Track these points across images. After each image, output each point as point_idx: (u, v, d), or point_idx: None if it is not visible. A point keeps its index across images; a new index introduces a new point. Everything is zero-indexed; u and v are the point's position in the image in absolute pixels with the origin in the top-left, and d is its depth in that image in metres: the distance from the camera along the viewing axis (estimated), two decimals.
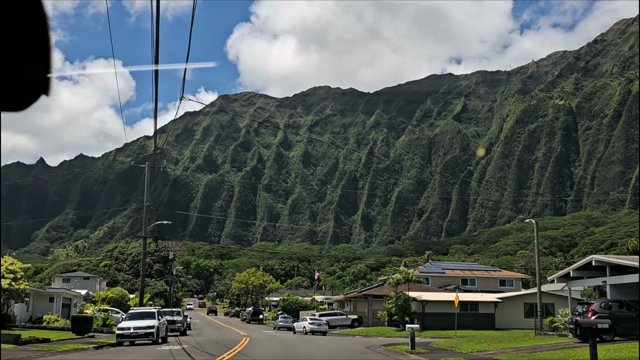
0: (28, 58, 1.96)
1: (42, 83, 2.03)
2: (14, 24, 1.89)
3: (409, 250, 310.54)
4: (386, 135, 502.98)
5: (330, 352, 35.05)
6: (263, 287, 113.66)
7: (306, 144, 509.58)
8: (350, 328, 74.55)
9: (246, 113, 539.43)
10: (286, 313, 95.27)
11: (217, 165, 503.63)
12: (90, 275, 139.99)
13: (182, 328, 58.23)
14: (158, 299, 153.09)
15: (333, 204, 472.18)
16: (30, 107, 2.05)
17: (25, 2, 1.86)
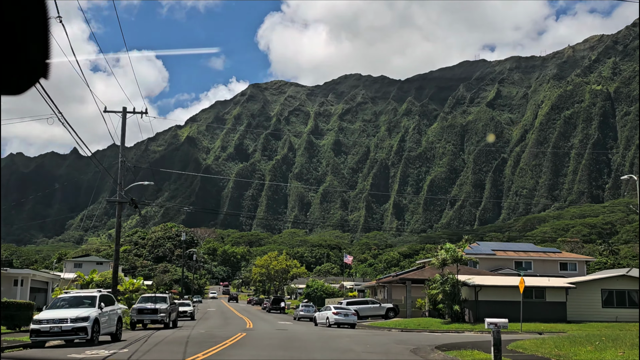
0: (26, 41, 1.93)
1: (41, 66, 1.99)
2: (13, 7, 1.86)
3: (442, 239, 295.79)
4: (418, 123, 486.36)
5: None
6: (286, 272, 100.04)
7: (337, 132, 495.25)
8: (384, 319, 60.66)
9: (277, 102, 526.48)
10: (311, 301, 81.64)
11: (248, 154, 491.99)
12: (104, 260, 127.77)
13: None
14: (178, 285, 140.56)
15: (364, 192, 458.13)
16: (29, 90, 2.03)
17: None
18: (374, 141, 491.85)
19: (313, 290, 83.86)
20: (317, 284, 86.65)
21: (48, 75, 2.01)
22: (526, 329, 46.57)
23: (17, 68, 1.96)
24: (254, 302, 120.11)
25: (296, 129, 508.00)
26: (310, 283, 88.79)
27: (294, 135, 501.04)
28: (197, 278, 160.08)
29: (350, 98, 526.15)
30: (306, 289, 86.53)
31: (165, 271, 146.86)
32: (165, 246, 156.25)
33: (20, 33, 1.91)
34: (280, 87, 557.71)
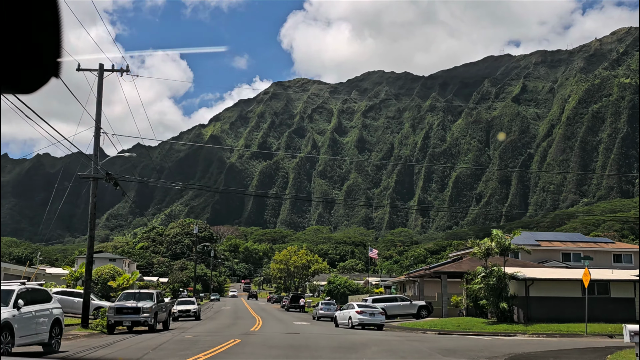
0: (39, 40, 1.89)
1: (53, 65, 1.97)
2: (25, 7, 1.82)
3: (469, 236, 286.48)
4: (442, 119, 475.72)
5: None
6: (307, 268, 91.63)
7: (361, 129, 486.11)
8: (414, 318, 52.13)
9: (300, 99, 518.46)
10: (333, 299, 73.26)
11: (271, 152, 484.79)
12: (117, 256, 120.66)
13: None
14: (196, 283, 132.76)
15: (389, 189, 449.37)
16: (41, 89, 2.02)
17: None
18: (397, 138, 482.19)
19: (335, 287, 75.43)
20: (339, 279, 78.18)
21: (59, 74, 2.02)
22: (591, 331, 37.81)
23: (29, 67, 1.94)
24: (273, 300, 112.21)
25: (319, 127, 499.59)
26: (332, 279, 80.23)
27: (317, 132, 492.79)
28: (217, 275, 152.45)
29: (373, 95, 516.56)
30: (327, 285, 77.92)
31: (183, 268, 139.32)
32: (183, 242, 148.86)
33: (33, 33, 1.88)
34: (303, 85, 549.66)
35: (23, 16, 1.81)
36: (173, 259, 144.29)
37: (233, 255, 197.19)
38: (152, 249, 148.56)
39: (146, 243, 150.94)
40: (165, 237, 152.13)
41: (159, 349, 21.66)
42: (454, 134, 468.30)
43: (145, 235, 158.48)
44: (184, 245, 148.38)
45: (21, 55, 1.87)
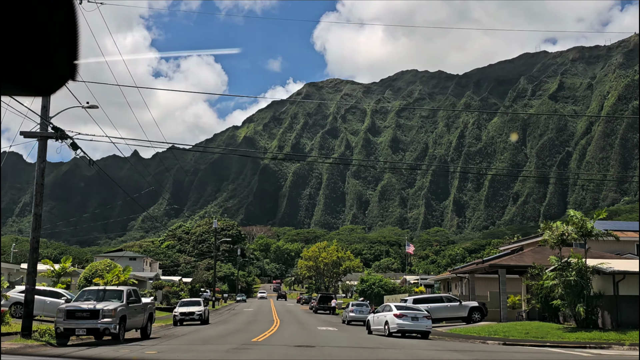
0: (56, 43, 1.84)
1: (69, 68, 1.90)
2: (42, 8, 1.77)
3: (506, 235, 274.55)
4: (477, 118, 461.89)
5: None
6: (337, 265, 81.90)
7: (394, 129, 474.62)
8: (465, 323, 42.10)
9: (333, 100, 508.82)
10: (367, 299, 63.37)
11: (305, 153, 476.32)
12: (137, 255, 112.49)
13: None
14: (222, 283, 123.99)
15: (423, 189, 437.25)
16: (58, 91, 1.96)
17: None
18: (432, 137, 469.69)
19: (369, 286, 65.66)
20: (373, 277, 68.30)
21: (76, 77, 1.94)
22: None
23: (46, 70, 1.87)
24: (302, 301, 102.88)
25: (353, 127, 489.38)
26: (365, 277, 70.40)
27: (350, 133, 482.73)
28: (245, 275, 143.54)
29: (407, 94, 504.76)
30: (360, 284, 67.99)
31: (209, 268, 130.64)
32: (210, 241, 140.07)
33: (50, 35, 1.82)
34: (336, 85, 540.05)
35: (39, 19, 1.78)
36: (199, 258, 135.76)
37: (264, 255, 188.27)
38: (178, 247, 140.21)
39: (172, 242, 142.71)
40: (191, 235, 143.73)
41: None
42: (490, 132, 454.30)
43: (171, 233, 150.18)
44: (210, 244, 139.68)
45: (37, 58, 1.84)
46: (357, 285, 70.73)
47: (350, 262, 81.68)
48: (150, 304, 29.18)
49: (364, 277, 70.30)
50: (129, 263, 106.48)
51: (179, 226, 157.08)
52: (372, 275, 70.91)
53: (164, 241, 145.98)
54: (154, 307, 29.58)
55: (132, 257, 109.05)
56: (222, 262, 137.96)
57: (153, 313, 29.42)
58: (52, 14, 1.79)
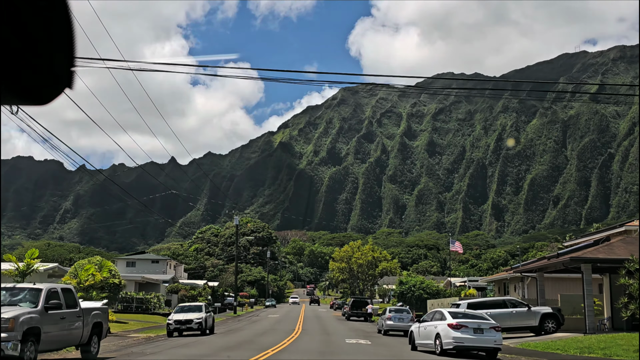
0: (51, 51, 1.79)
1: (66, 77, 1.86)
2: (37, 18, 1.73)
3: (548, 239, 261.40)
4: (515, 120, 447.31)
5: None
6: (373, 266, 72.24)
7: (431, 132, 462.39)
8: (535, 334, 32.22)
9: (368, 104, 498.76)
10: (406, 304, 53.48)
11: (340, 157, 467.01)
12: (160, 257, 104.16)
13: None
14: (250, 287, 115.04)
15: (461, 193, 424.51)
16: (54, 100, 1.92)
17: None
18: (469, 140, 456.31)
19: (408, 289, 55.79)
20: (413, 279, 58.30)
21: (73, 85, 1.89)
22: None
23: (42, 78, 1.83)
24: (335, 306, 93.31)
25: (389, 131, 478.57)
26: (404, 278, 60.27)
27: (386, 137, 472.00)
28: (277, 280, 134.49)
29: (443, 97, 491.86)
30: (398, 286, 58.01)
31: (239, 272, 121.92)
32: (240, 244, 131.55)
33: (45, 43, 1.78)
34: (371, 90, 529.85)
35: (34, 28, 1.74)
36: (228, 262, 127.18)
37: (297, 259, 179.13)
38: (207, 250, 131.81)
39: (200, 245, 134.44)
40: (220, 238, 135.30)
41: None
42: (529, 134, 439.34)
43: (199, 236, 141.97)
44: (240, 247, 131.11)
45: (33, 66, 1.78)
46: (394, 288, 60.81)
47: (387, 263, 72.15)
48: (97, 310, 19.95)
49: (403, 278, 60.25)
50: (151, 266, 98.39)
51: (208, 228, 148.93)
52: (412, 277, 61.03)
53: (192, 244, 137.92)
54: (105, 315, 20.32)
55: (154, 259, 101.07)
56: (252, 266, 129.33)
57: (104, 323, 20.16)
58: (47, 21, 1.76)
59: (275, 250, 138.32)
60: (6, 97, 1.82)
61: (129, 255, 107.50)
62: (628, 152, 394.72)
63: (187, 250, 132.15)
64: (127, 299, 51.27)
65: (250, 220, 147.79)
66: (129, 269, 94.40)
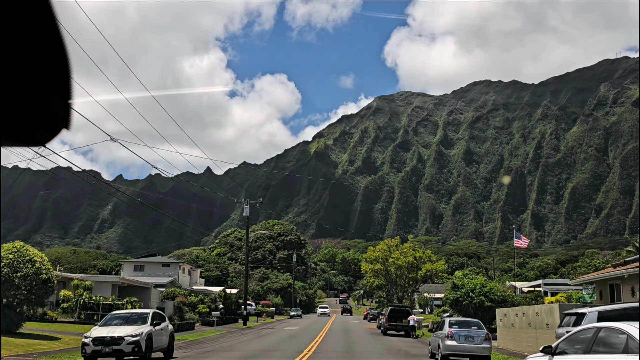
0: (48, 93, 1.73)
1: (62, 117, 1.79)
2: (34, 59, 1.66)
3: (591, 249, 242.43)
4: (555, 128, 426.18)
5: None
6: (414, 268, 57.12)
7: (467, 140, 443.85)
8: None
9: (404, 113, 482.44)
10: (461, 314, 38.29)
11: (376, 166, 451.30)
12: (172, 261, 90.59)
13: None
14: (274, 295, 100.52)
15: (499, 202, 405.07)
16: (51, 141, 1.84)
17: (45, 35, 1.63)
18: (507, 149, 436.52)
19: (465, 295, 40.69)
20: (472, 282, 43.07)
21: (70, 125, 1.81)
22: None
23: (38, 121, 1.76)
24: (370, 317, 78.11)
25: (425, 140, 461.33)
26: (458, 280, 44.86)
27: (422, 146, 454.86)
28: (306, 288, 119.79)
29: (480, 105, 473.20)
30: (451, 292, 42.76)
31: (264, 278, 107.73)
32: (265, 248, 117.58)
33: (40, 87, 1.71)
34: (407, 98, 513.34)
35: (30, 68, 1.67)
36: (253, 268, 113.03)
37: (330, 267, 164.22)
38: (230, 255, 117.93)
39: (223, 249, 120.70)
40: (244, 242, 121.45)
41: None
42: (569, 142, 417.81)
43: (222, 240, 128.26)
44: (265, 251, 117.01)
45: (30, 109, 1.72)
46: (446, 293, 45.60)
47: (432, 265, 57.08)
48: None
49: (457, 280, 45.05)
50: (161, 270, 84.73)
51: (232, 232, 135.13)
52: (470, 279, 45.78)
53: (214, 249, 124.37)
54: None
55: (165, 263, 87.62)
56: (278, 272, 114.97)
57: None
58: (44, 63, 1.68)
59: (304, 255, 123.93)
60: (3, 140, 1.76)
61: (138, 259, 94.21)
62: None
63: (209, 255, 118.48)
64: (91, 306, 37.42)
65: (277, 222, 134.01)
66: (137, 273, 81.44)
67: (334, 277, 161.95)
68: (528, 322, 28.04)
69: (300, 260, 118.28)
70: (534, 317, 27.20)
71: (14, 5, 1.57)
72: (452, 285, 44.26)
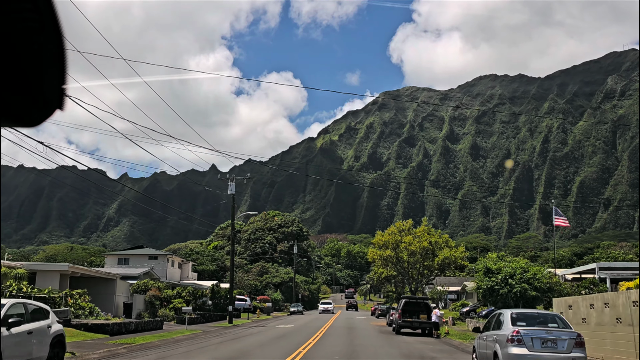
0: (43, 73, 1.69)
1: (57, 98, 1.74)
2: (29, 39, 1.62)
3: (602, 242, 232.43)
4: (562, 122, 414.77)
5: None
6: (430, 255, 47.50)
7: (474, 135, 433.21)
8: None
9: (409, 108, 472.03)
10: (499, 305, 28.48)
11: (381, 162, 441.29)
12: (159, 253, 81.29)
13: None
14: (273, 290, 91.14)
15: (506, 197, 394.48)
16: (45, 122, 1.80)
17: (40, 15, 1.59)
18: (514, 143, 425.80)
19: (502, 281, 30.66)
20: (511, 265, 32.99)
21: (64, 107, 1.77)
22: None
23: (32, 101, 1.72)
24: (378, 312, 68.22)
25: (430, 135, 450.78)
26: (493, 264, 34.28)
27: (428, 141, 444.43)
28: (309, 282, 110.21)
29: (486, 99, 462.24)
30: (483, 278, 32.46)
31: (263, 272, 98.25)
32: (265, 240, 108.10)
33: (35, 66, 1.67)
34: (412, 93, 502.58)
35: (25, 48, 1.62)
36: (251, 261, 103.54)
37: (335, 261, 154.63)
38: (227, 249, 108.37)
39: (220, 242, 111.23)
40: (243, 234, 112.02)
41: None
42: (576, 136, 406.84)
43: (219, 232, 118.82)
44: (265, 244, 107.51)
45: (23, 89, 1.68)
46: (477, 280, 35.51)
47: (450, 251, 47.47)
48: None
49: (492, 264, 34.85)
50: (148, 263, 75.52)
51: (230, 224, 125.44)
52: (508, 261, 35.73)
53: (211, 242, 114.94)
54: None
55: (152, 255, 78.23)
56: (279, 265, 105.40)
57: None
58: (39, 43, 1.64)
59: (307, 248, 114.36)
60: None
61: (124, 251, 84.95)
62: None
63: (205, 248, 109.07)
64: None
65: (278, 213, 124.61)
66: (121, 267, 72.14)
67: (340, 272, 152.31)
68: (616, 317, 18.58)
69: (302, 253, 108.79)
70: (626, 307, 17.79)
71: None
72: (483, 270, 34.33)
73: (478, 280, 34.63)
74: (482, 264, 34.66)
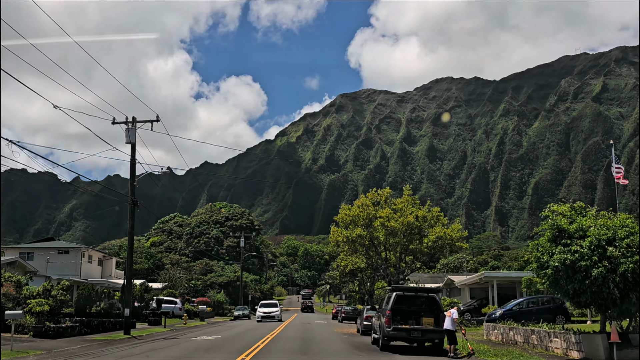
0: None
1: None
2: None
3: None
4: (517, 124, 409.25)
5: None
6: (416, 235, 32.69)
7: (431, 137, 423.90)
8: None
9: (366, 110, 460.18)
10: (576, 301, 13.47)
11: (339, 164, 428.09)
12: (72, 246, 64.62)
13: None
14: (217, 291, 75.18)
15: (463, 199, 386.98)
16: None
17: None
18: (470, 145, 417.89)
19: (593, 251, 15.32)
20: (608, 222, 17.24)
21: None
22: None
23: None
24: (342, 315, 52.72)
25: (388, 137, 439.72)
26: (567, 222, 18.52)
27: (385, 143, 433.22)
28: (261, 282, 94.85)
29: (442, 102, 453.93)
30: (550, 246, 15.57)
31: (207, 271, 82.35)
32: (210, 234, 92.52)
33: None
34: (369, 96, 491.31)
35: None
36: (194, 259, 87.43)
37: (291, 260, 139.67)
38: (168, 244, 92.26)
39: (159, 237, 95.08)
40: (185, 228, 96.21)
41: None
42: (531, 138, 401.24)
43: (160, 227, 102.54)
44: (210, 239, 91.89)
45: None
46: (536, 253, 20.61)
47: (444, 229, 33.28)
48: None
49: (564, 222, 19.15)
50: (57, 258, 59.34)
51: (172, 217, 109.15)
52: (594, 217, 20.00)
53: (149, 238, 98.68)
54: None
55: (63, 249, 61.64)
56: (225, 263, 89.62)
57: None
58: None
59: (259, 244, 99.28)
60: None
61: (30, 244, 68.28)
62: (634, 153, 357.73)
63: (141, 245, 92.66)
64: None
65: (225, 205, 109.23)
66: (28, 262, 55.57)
67: (296, 272, 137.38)
68: None
69: (253, 249, 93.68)
70: None
71: None
72: (552, 234, 18.43)
73: (538, 253, 19.06)
74: (549, 223, 19.02)
